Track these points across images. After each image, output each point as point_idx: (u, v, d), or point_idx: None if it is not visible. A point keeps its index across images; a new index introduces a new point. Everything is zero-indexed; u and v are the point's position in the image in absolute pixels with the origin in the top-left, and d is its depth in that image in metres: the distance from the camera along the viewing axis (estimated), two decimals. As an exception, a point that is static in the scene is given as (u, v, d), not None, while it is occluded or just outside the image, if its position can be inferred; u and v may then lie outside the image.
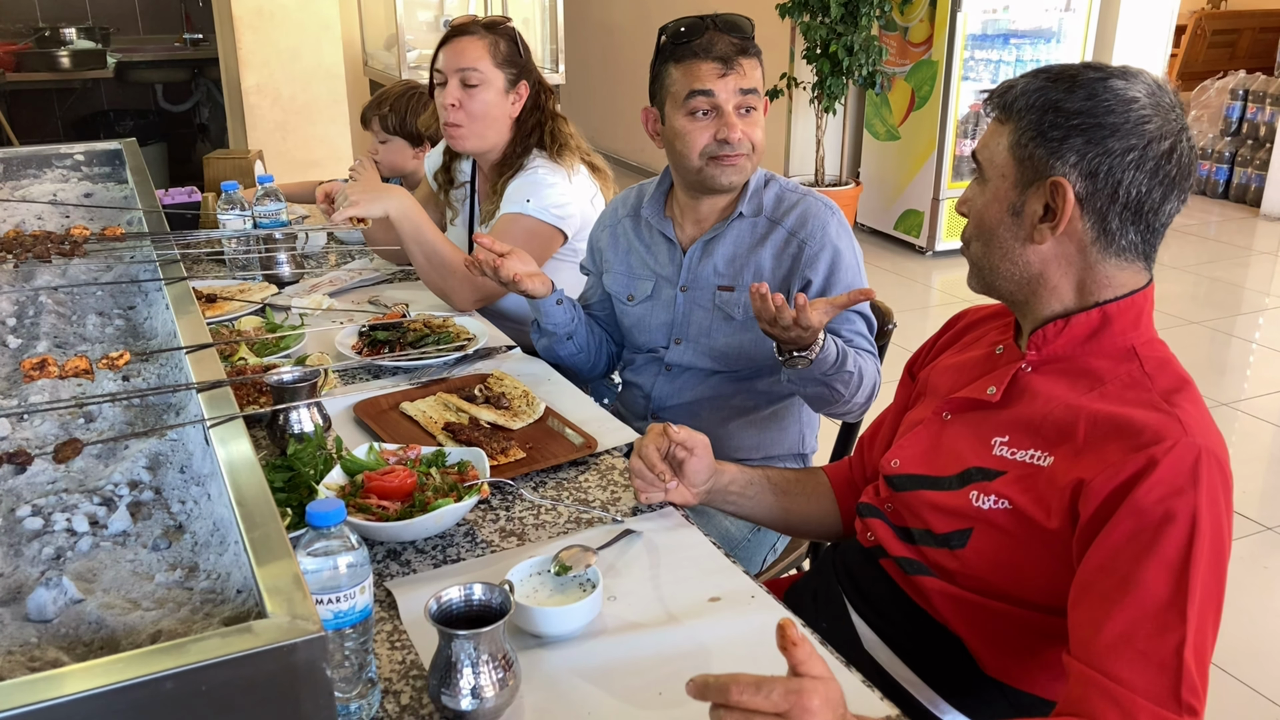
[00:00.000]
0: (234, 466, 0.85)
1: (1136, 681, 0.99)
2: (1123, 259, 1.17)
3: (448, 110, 2.22)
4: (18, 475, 0.95)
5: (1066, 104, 1.13)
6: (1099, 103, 1.12)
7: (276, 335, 1.95)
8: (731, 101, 1.72)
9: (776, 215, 1.81)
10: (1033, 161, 1.15)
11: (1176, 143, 1.12)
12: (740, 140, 1.73)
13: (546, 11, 4.99)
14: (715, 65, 1.70)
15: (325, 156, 4.67)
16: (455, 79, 2.20)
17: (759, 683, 0.88)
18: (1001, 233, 1.20)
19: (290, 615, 0.65)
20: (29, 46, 5.56)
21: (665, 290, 1.89)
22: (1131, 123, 1.11)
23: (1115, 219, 1.14)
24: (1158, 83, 1.15)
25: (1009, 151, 1.17)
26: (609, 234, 1.99)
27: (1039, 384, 1.21)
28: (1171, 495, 1.04)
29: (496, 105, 2.23)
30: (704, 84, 1.71)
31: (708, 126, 1.73)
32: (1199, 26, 8.15)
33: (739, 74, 1.71)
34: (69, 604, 0.77)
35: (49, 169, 1.92)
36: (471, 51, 2.19)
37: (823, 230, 1.77)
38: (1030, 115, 1.15)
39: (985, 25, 5.21)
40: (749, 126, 1.74)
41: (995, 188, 1.19)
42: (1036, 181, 1.15)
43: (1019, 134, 1.16)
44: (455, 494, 1.36)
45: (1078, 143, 1.12)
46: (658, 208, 1.91)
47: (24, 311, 1.34)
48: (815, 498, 1.54)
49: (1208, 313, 4.84)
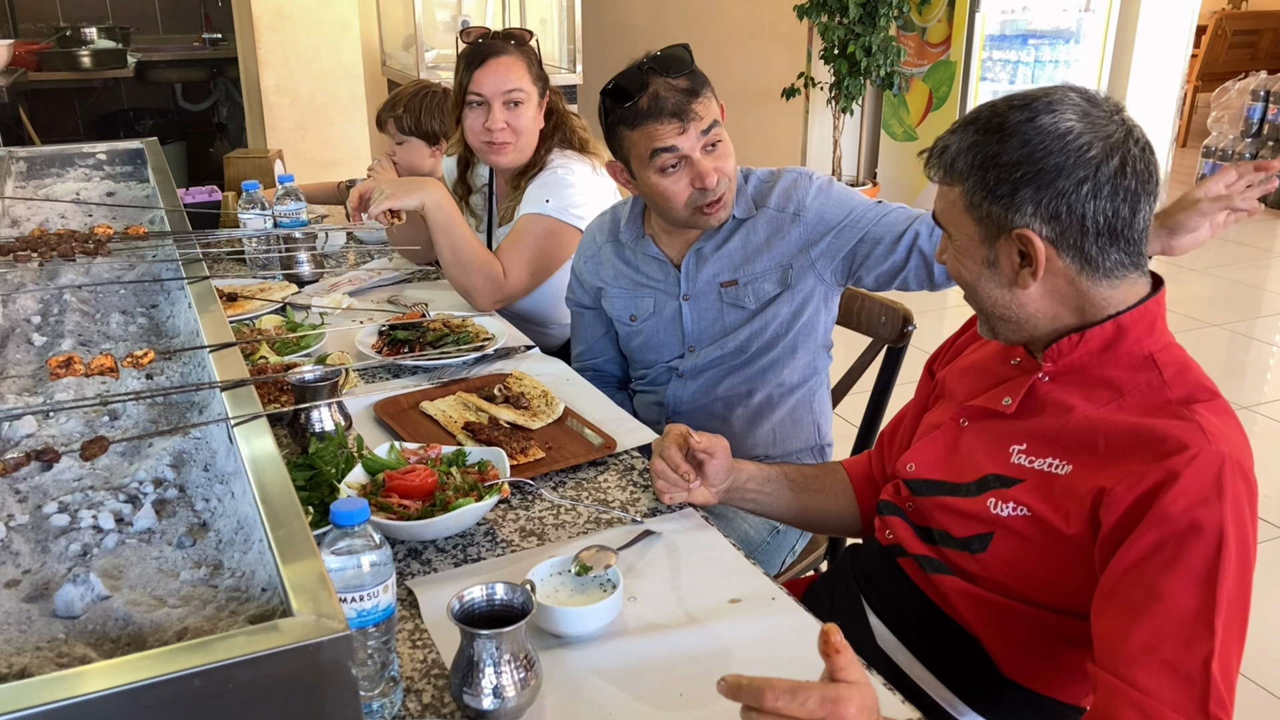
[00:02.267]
0: (258, 465, 0.86)
1: (1163, 693, 0.98)
2: (1113, 278, 1.15)
3: (494, 133, 2.20)
4: (45, 472, 0.96)
5: (1003, 157, 1.11)
6: (1034, 148, 1.10)
7: (297, 334, 1.95)
8: (697, 148, 1.67)
9: (760, 200, 1.82)
10: (992, 219, 1.14)
11: (1125, 154, 1.10)
12: (718, 181, 1.70)
13: (564, 12, 4.99)
14: (672, 123, 1.65)
15: (344, 156, 4.69)
16: (499, 100, 2.18)
17: (795, 689, 0.86)
18: (984, 284, 1.19)
19: (316, 614, 0.66)
20: (50, 46, 5.61)
21: (668, 304, 1.88)
22: (1073, 156, 1.09)
23: (1093, 247, 1.12)
24: (1087, 98, 1.13)
25: (966, 212, 1.16)
26: (592, 264, 1.98)
27: (1056, 395, 1.20)
28: (1197, 505, 1.02)
29: (535, 119, 2.25)
30: (665, 141, 1.66)
31: (682, 177, 1.70)
32: (1220, 27, 8.10)
33: (696, 121, 1.66)
34: (96, 600, 0.77)
35: (72, 168, 1.94)
36: (514, 72, 2.19)
37: (805, 191, 1.78)
38: (974, 176, 1.13)
39: (1004, 26, 5.19)
40: (719, 160, 1.71)
41: (963, 246, 1.19)
42: (1002, 234, 1.14)
43: (969, 195, 1.14)
44: (476, 493, 1.37)
45: (1028, 193, 1.10)
46: (636, 231, 1.90)
47: (49, 310, 1.35)
48: (834, 494, 1.54)
49: (1227, 315, 4.80)
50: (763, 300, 1.80)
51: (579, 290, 2.03)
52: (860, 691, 0.88)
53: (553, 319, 2.40)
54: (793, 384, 1.87)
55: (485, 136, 2.22)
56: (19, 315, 1.32)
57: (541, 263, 2.19)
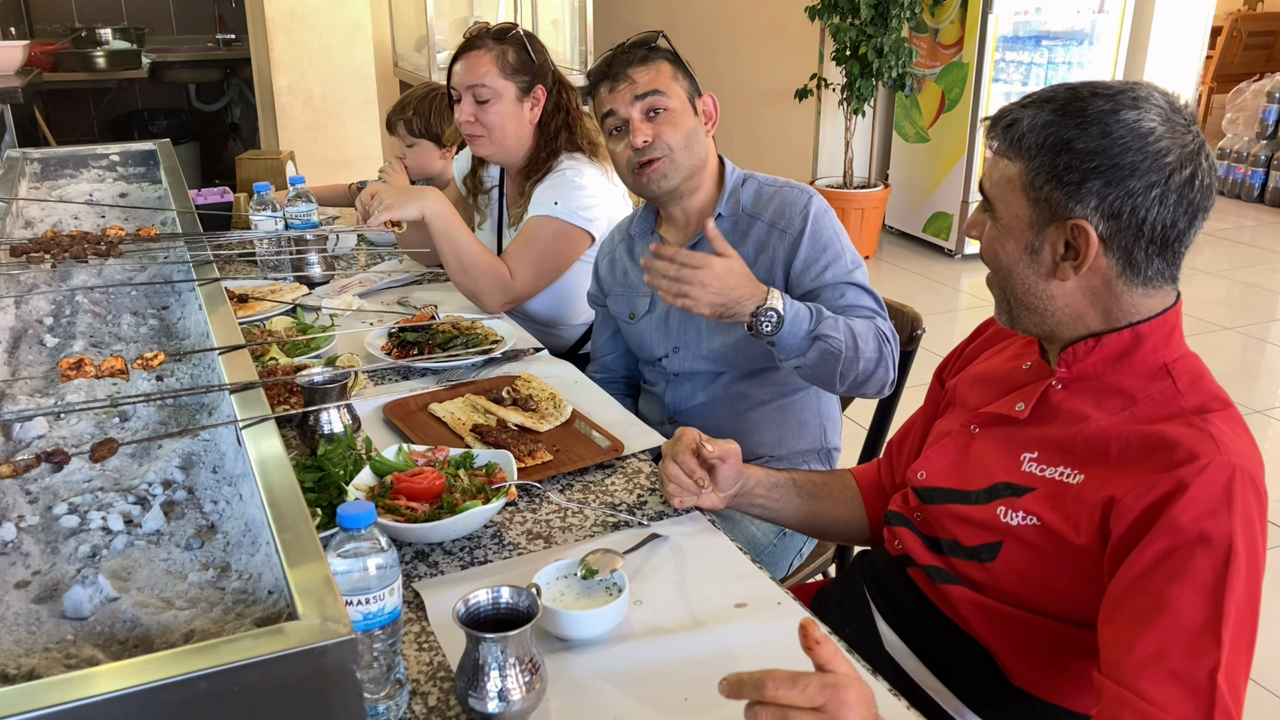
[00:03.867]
0: (266, 467, 0.86)
1: (1169, 703, 0.97)
2: (1150, 286, 1.14)
3: (464, 124, 2.26)
4: (55, 474, 0.96)
5: (1079, 143, 1.08)
6: (1114, 141, 1.07)
7: (307, 336, 1.96)
8: (633, 111, 1.77)
9: (756, 210, 1.82)
10: (1049, 204, 1.11)
11: (1197, 168, 1.08)
12: (650, 144, 1.76)
13: (576, 12, 5.00)
14: (608, 84, 1.79)
15: (356, 157, 4.71)
16: (468, 95, 2.23)
17: (794, 677, 0.87)
18: (1020, 270, 1.16)
19: (321, 617, 0.66)
20: (66, 47, 5.64)
21: (660, 303, 1.90)
22: (1150, 158, 1.07)
23: (1140, 253, 1.11)
24: (1170, 103, 1.10)
25: (1022, 192, 1.13)
26: (607, 261, 2.04)
27: (1069, 402, 1.19)
28: (1205, 516, 1.02)
29: (512, 115, 2.24)
30: (605, 105, 1.80)
31: (623, 140, 1.80)
32: (1235, 28, 8.04)
33: (629, 84, 1.76)
34: (104, 602, 0.78)
35: (85, 169, 1.95)
36: (479, 66, 2.21)
37: (803, 214, 1.77)
38: (1042, 156, 1.10)
39: (1017, 27, 5.17)
40: (659, 127, 1.77)
41: (1008, 226, 1.15)
42: (1054, 222, 1.12)
43: (1032, 175, 1.11)
44: (483, 496, 1.37)
45: (1096, 185, 1.08)
46: (646, 225, 1.95)
47: (61, 311, 1.36)
48: (842, 501, 1.54)
49: (1241, 318, 4.78)
50: None
51: (596, 285, 2.07)
52: (858, 681, 0.89)
53: (562, 320, 2.40)
54: (795, 385, 1.87)
55: (461, 129, 2.29)
56: (31, 316, 1.33)
57: (549, 264, 2.19)
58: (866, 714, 0.88)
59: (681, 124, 1.78)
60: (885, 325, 1.70)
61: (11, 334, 1.27)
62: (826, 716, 0.86)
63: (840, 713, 0.86)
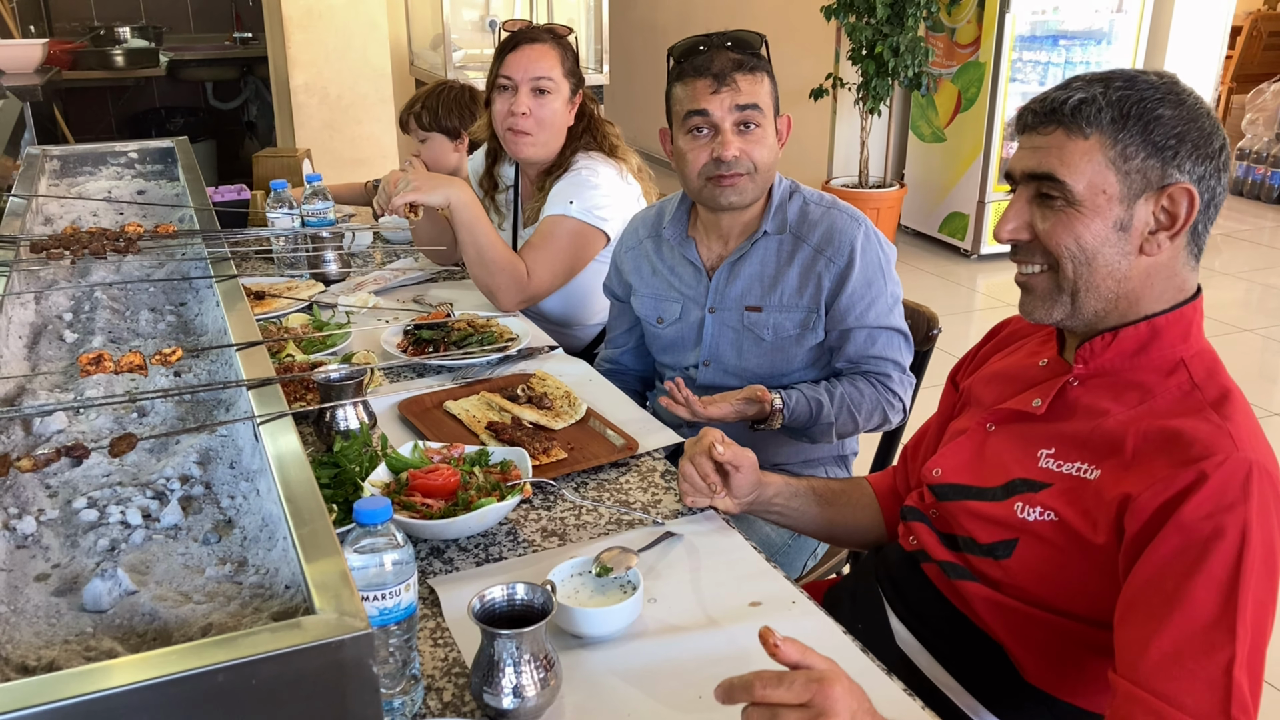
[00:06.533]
0: (283, 463, 0.86)
1: (1185, 700, 0.97)
2: (1194, 262, 1.16)
3: (516, 117, 2.20)
4: (74, 468, 0.97)
5: (1164, 111, 1.10)
6: (1191, 109, 1.10)
7: (323, 333, 1.97)
8: (728, 119, 1.69)
9: (802, 232, 1.79)
10: (1143, 173, 1.10)
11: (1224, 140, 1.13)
12: (737, 159, 1.70)
13: (591, 12, 5.00)
14: (709, 83, 1.69)
15: (372, 155, 4.72)
16: (527, 86, 2.19)
17: (780, 676, 0.90)
18: (1106, 250, 1.13)
19: (338, 612, 0.66)
20: (84, 45, 5.68)
21: (693, 312, 1.87)
22: (1217, 131, 1.11)
23: (1205, 226, 1.14)
24: None
25: (1109, 166, 1.11)
26: (631, 256, 1.98)
27: (1086, 397, 1.19)
28: (1221, 511, 1.02)
29: (561, 114, 2.24)
30: (698, 103, 1.70)
31: (705, 145, 1.72)
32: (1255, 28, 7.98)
33: (733, 90, 1.68)
34: (123, 595, 0.78)
35: (104, 166, 1.96)
36: (546, 60, 2.20)
37: (850, 248, 1.75)
38: (1132, 126, 1.09)
39: (1034, 26, 5.14)
40: (749, 144, 1.71)
41: (1091, 205, 1.12)
42: (1147, 192, 1.11)
43: (1121, 146, 1.10)
44: (498, 493, 1.37)
45: (1188, 149, 1.10)
46: (680, 229, 1.89)
47: (80, 307, 1.37)
48: (860, 508, 1.53)
49: (1260, 320, 4.74)
50: (781, 337, 1.80)
51: (615, 280, 2.04)
52: (843, 675, 0.91)
53: (577, 320, 2.40)
54: None
55: (509, 121, 2.22)
56: (51, 312, 1.34)
57: (565, 264, 2.19)
58: (856, 706, 0.90)
59: (769, 144, 1.74)
60: (898, 383, 1.77)
61: (32, 329, 1.28)
62: (814, 711, 0.89)
63: (827, 705, 0.88)
